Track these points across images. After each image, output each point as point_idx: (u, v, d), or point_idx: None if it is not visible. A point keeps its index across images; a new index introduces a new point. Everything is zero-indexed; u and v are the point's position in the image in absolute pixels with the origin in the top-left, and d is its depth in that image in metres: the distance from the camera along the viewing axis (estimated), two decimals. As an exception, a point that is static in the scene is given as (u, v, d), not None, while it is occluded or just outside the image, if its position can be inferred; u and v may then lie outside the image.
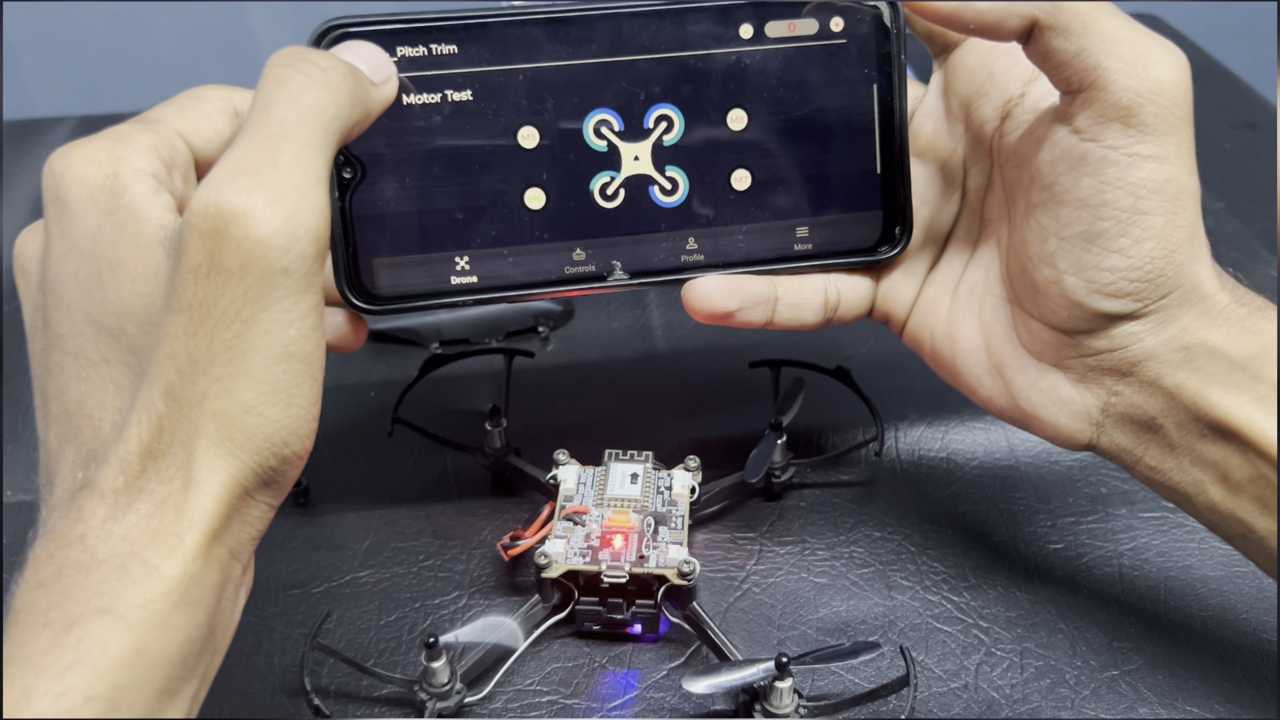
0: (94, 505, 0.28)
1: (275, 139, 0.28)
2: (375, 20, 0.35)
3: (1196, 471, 0.35)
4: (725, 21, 0.37)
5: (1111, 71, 0.32)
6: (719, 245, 0.39)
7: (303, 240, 0.27)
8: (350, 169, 0.36)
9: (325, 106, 0.29)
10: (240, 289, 0.27)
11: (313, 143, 0.28)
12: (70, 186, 0.30)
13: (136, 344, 0.29)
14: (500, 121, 0.37)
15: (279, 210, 0.27)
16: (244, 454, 0.28)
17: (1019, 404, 0.37)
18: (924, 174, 0.40)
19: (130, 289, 0.29)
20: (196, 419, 0.28)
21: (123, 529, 0.27)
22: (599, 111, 0.37)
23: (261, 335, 0.28)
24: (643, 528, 0.40)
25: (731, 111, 0.38)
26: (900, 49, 0.38)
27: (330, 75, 0.29)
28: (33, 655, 0.26)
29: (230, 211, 0.27)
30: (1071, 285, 0.35)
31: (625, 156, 0.38)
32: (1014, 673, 0.40)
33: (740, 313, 0.39)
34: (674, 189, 0.39)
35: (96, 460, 0.29)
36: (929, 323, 0.40)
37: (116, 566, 0.27)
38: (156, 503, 0.28)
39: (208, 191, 0.27)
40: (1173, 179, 0.33)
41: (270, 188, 0.27)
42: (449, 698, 0.37)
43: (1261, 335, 0.34)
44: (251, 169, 0.27)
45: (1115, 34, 0.33)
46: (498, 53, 0.36)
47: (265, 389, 0.28)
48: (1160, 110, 0.33)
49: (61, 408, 0.30)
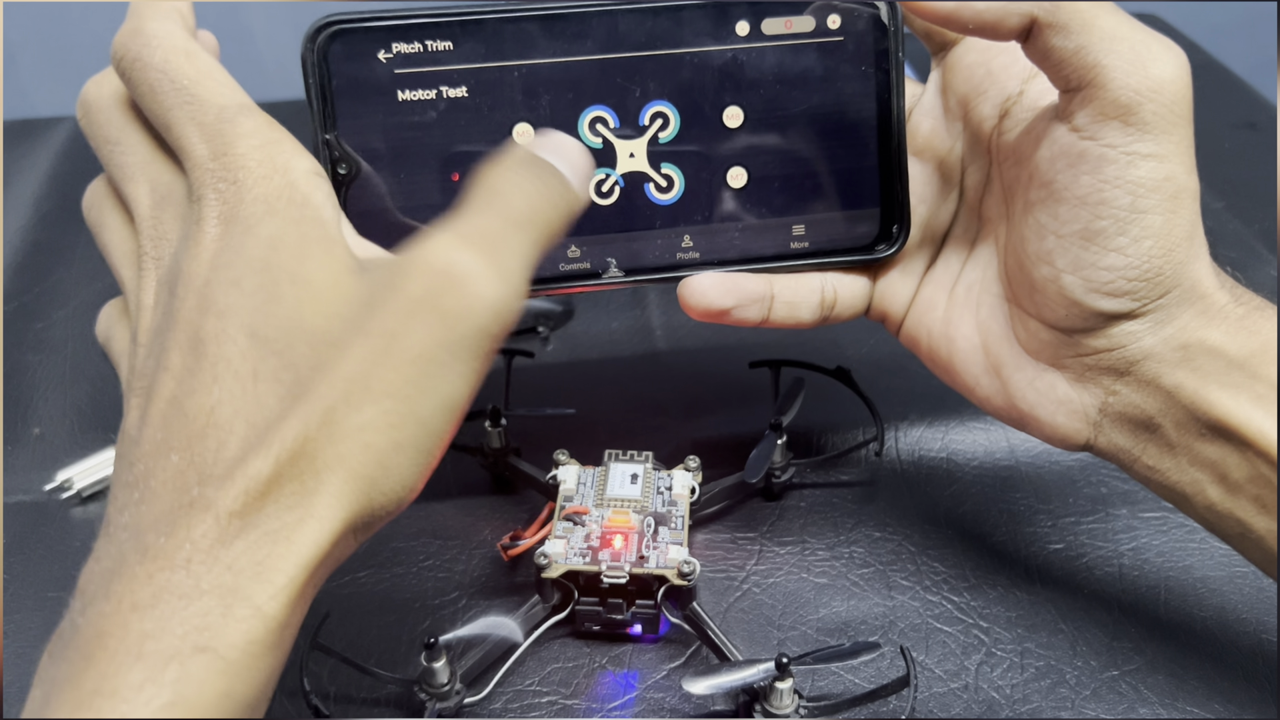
0: (205, 527, 0.26)
1: (511, 226, 0.29)
2: (371, 16, 0.35)
3: (1195, 471, 0.35)
4: (722, 18, 0.37)
5: (1111, 69, 0.32)
6: (715, 243, 0.39)
7: (509, 316, 0.29)
8: (345, 165, 0.36)
9: (550, 214, 0.31)
10: (445, 334, 0.28)
11: (535, 242, 0.30)
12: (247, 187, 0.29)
13: (300, 363, 0.28)
14: (495, 118, 0.37)
15: (505, 283, 0.28)
16: (375, 494, 0.28)
17: (1016, 403, 0.37)
18: (922, 172, 0.40)
19: (315, 308, 0.28)
20: (347, 449, 0.27)
21: (229, 556, 0.26)
22: (594, 108, 0.37)
23: (445, 383, 0.28)
24: (643, 528, 0.40)
25: (728, 109, 0.38)
26: (898, 47, 0.38)
27: (560, 187, 0.31)
28: (124, 690, 0.25)
29: (468, 267, 0.28)
30: (1069, 283, 0.34)
31: (620, 153, 0.38)
32: (1014, 673, 0.40)
33: (736, 310, 0.39)
34: (669, 186, 0.39)
35: (216, 477, 0.27)
36: (926, 322, 0.40)
37: (219, 600, 0.26)
38: (268, 532, 0.27)
39: (448, 242, 0.28)
40: (1171, 177, 0.33)
41: (503, 263, 0.29)
42: (449, 698, 0.37)
43: (1260, 334, 0.33)
44: (490, 242, 0.29)
45: (1115, 32, 0.33)
46: (493, 49, 0.36)
47: (422, 434, 0.28)
48: (1159, 108, 0.33)
49: (178, 410, 0.28)
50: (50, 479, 0.49)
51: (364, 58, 0.36)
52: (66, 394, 0.54)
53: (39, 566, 0.45)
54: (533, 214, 0.30)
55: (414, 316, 0.28)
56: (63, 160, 0.73)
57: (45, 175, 0.71)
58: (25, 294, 0.61)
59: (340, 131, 0.36)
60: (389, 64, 0.36)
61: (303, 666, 0.38)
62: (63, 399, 0.54)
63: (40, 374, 0.55)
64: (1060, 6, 0.33)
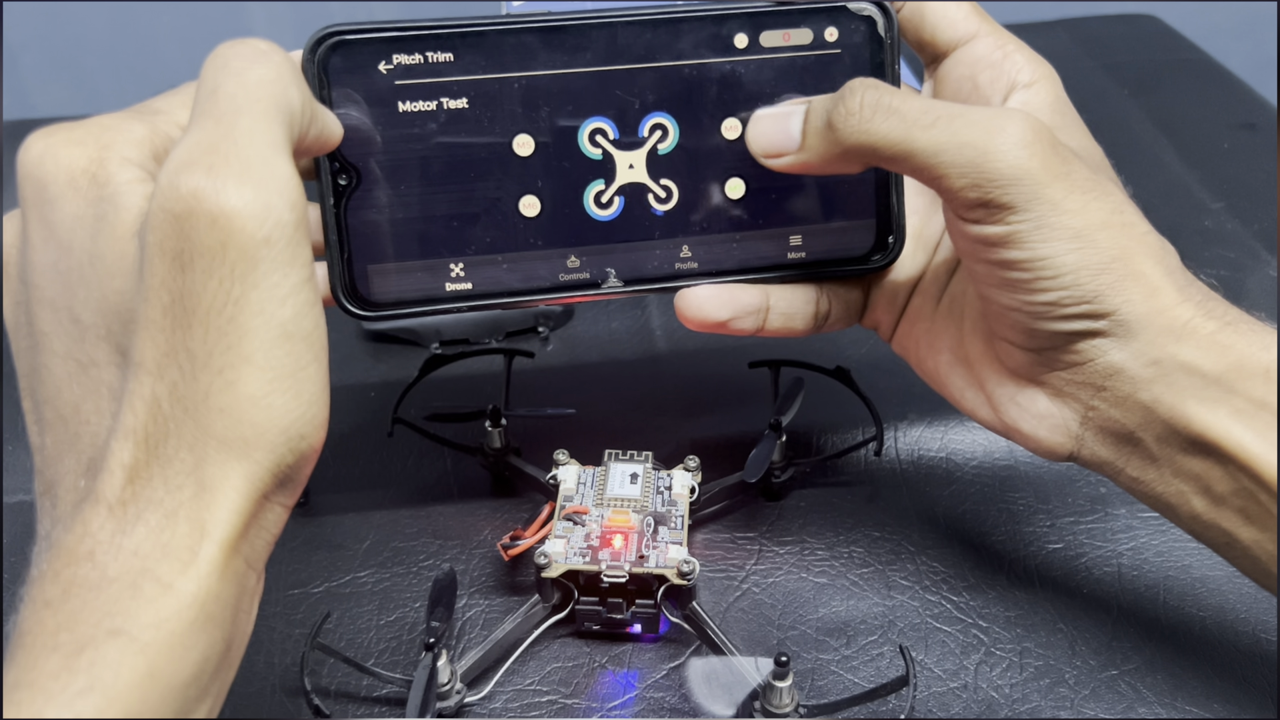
0: (100, 518, 0.26)
1: (228, 116, 0.27)
2: (371, 27, 0.35)
3: (1178, 483, 0.35)
4: (720, 31, 0.37)
5: (948, 178, 0.33)
6: (713, 253, 0.39)
7: (278, 208, 0.26)
8: (345, 175, 0.36)
9: (271, 82, 0.28)
10: (225, 268, 0.26)
11: (265, 115, 0.27)
12: (50, 169, 0.28)
13: (121, 341, 0.28)
14: (495, 129, 0.37)
15: (246, 182, 0.26)
16: (258, 452, 0.27)
17: (1000, 416, 0.38)
18: (913, 184, 0.40)
19: (110, 285, 0.28)
20: (203, 418, 0.26)
21: (133, 543, 0.26)
22: (594, 119, 0.37)
23: (256, 315, 0.26)
24: (642, 528, 0.40)
25: (726, 120, 0.38)
26: (894, 59, 0.38)
27: (273, 56, 0.29)
28: (41, 680, 0.25)
29: (197, 191, 0.26)
30: (1016, 317, 0.35)
31: (620, 165, 0.38)
32: (1013, 672, 0.40)
33: (733, 322, 0.39)
34: (668, 198, 0.39)
35: (95, 470, 0.27)
36: (915, 332, 0.40)
37: (128, 585, 0.26)
38: (166, 513, 0.26)
39: (169, 176, 0.26)
40: (1061, 227, 0.33)
41: (232, 162, 0.26)
42: (449, 698, 0.37)
43: (1234, 350, 0.33)
44: (210, 147, 0.26)
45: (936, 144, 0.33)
46: (493, 60, 0.36)
47: (270, 375, 0.27)
48: (1009, 189, 0.33)
49: (56, 412, 0.28)
50: (51, 479, 0.49)
51: (364, 69, 0.36)
52: (67, 394, 0.54)
53: (39, 566, 0.45)
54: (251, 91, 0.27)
55: (185, 270, 0.26)
56: (63, 160, 0.73)
57: (45, 175, 0.71)
58: (25, 294, 0.61)
59: (341, 142, 0.36)
60: (389, 75, 0.36)
61: (303, 666, 0.38)
62: (63, 399, 0.54)
63: (41, 374, 0.55)
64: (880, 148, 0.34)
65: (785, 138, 0.36)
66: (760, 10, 0.37)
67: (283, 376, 0.27)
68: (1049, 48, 0.39)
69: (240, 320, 0.26)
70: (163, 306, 0.26)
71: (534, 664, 0.40)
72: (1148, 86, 0.76)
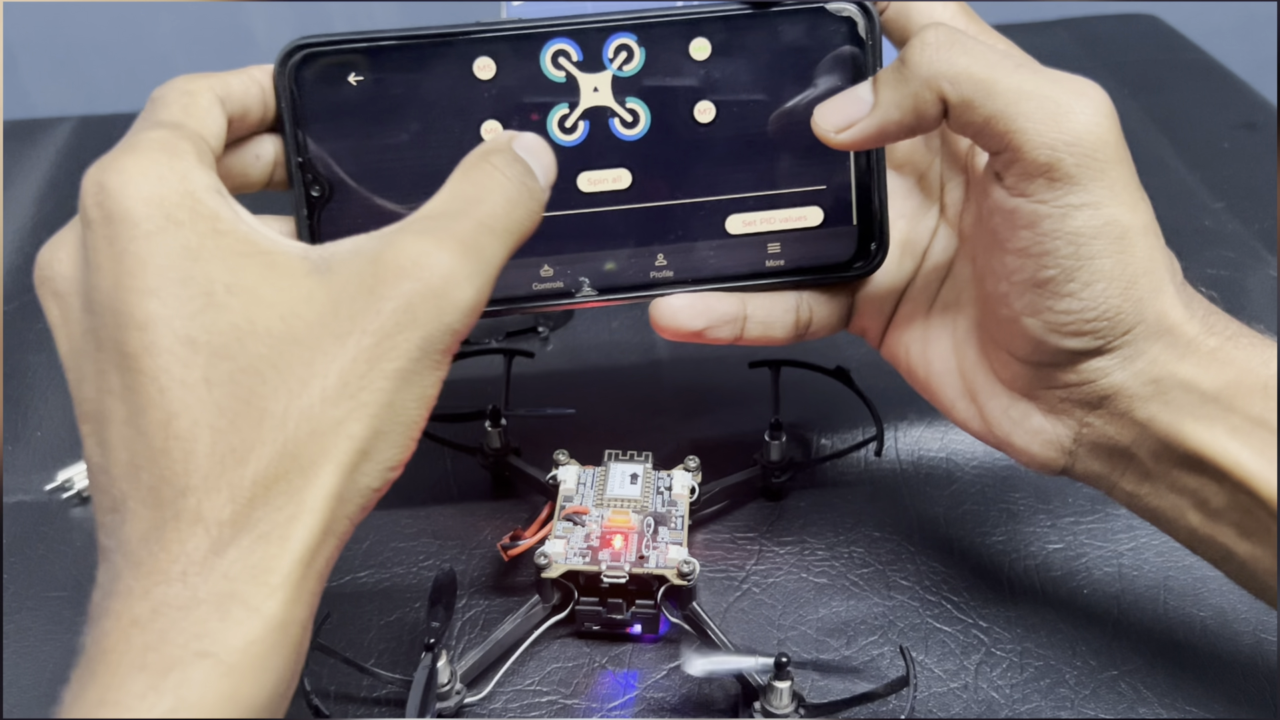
0: (197, 538, 0.27)
1: (488, 231, 0.30)
2: (340, 39, 0.35)
3: (1174, 497, 0.34)
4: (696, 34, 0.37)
5: (1023, 132, 0.32)
6: (689, 261, 0.39)
7: (475, 317, 0.30)
8: (318, 187, 0.36)
9: (524, 220, 0.32)
10: (424, 339, 0.29)
11: (508, 246, 0.31)
12: (139, 207, 0.28)
13: (259, 364, 0.28)
14: (466, 138, 0.36)
15: (479, 288, 0.30)
16: (361, 478, 0.28)
17: (992, 429, 0.37)
18: (901, 186, 0.40)
19: (266, 311, 0.28)
20: (332, 444, 0.28)
21: (225, 564, 0.26)
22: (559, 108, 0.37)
23: (423, 381, 0.29)
24: (642, 528, 0.40)
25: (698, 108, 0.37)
26: (875, 61, 0.37)
27: (535, 192, 0.32)
28: (128, 700, 0.25)
29: (449, 273, 0.29)
30: (1029, 325, 0.34)
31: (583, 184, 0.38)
32: (1014, 673, 0.40)
33: (708, 331, 0.38)
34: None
35: (196, 488, 0.27)
36: (905, 340, 0.39)
37: (216, 606, 0.26)
38: (261, 534, 0.27)
39: (428, 246, 0.29)
40: (1113, 220, 0.32)
41: (479, 268, 0.30)
42: (449, 698, 0.37)
43: (1234, 365, 0.33)
44: (468, 246, 0.30)
45: (1021, 90, 0.32)
46: (463, 68, 0.36)
47: (403, 425, 0.29)
48: (1081, 159, 0.32)
49: (135, 430, 0.28)
50: (50, 479, 0.49)
51: (335, 80, 0.35)
52: (66, 394, 0.53)
53: (39, 566, 0.45)
54: (508, 219, 0.31)
55: (398, 323, 0.28)
56: (63, 160, 0.73)
57: (45, 175, 0.72)
58: (25, 294, 0.61)
59: (313, 154, 0.36)
60: (360, 85, 0.36)
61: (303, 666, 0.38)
62: (63, 399, 0.54)
63: (40, 374, 0.55)
64: (960, 81, 0.32)
65: (856, 103, 0.35)
66: (736, 13, 0.36)
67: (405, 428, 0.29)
68: (1049, 47, 0.39)
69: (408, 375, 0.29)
70: (351, 339, 0.28)
71: (534, 664, 0.40)
72: (1148, 86, 0.76)
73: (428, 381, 0.29)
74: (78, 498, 0.48)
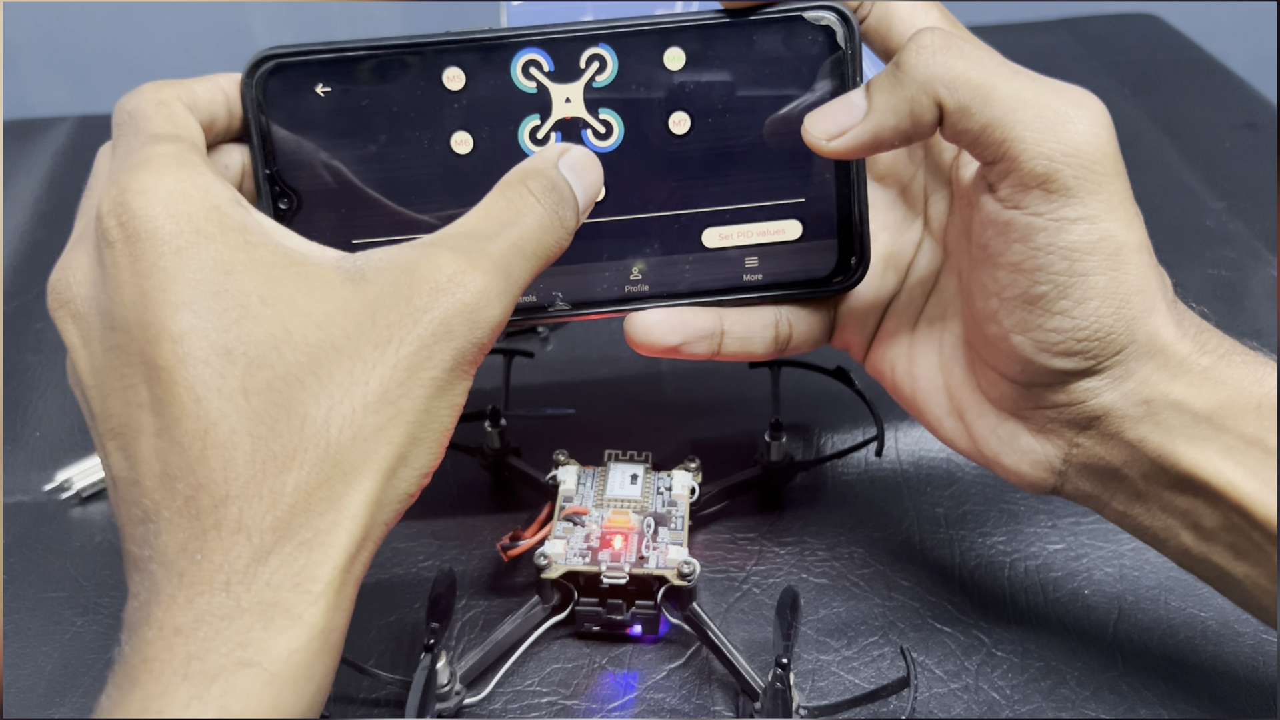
0: (239, 547, 0.27)
1: (517, 254, 0.31)
2: (308, 49, 0.35)
3: (1166, 518, 0.34)
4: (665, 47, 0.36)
5: (1020, 141, 0.31)
6: (664, 275, 0.38)
7: (500, 331, 0.31)
8: (286, 199, 0.36)
9: (553, 247, 0.32)
10: (458, 352, 0.29)
11: (535, 270, 0.32)
12: (167, 224, 0.28)
13: (298, 372, 0.28)
14: (436, 149, 0.36)
15: (507, 307, 0.31)
16: (398, 482, 0.29)
17: (980, 448, 0.37)
18: (884, 199, 0.39)
19: (303, 320, 0.28)
20: (372, 449, 0.28)
21: (267, 572, 0.27)
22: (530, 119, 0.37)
23: (454, 391, 0.30)
24: (642, 528, 0.40)
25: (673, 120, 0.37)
26: (855, 71, 0.36)
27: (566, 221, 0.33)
28: (172, 709, 0.25)
29: (484, 293, 0.30)
30: (1019, 343, 0.33)
31: None
32: (1015, 673, 0.40)
33: (684, 347, 0.38)
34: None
35: (236, 496, 0.27)
36: (890, 355, 0.39)
37: (260, 616, 0.26)
38: (302, 541, 0.27)
39: (465, 265, 0.30)
40: (1108, 236, 0.32)
41: (508, 288, 0.31)
42: (449, 698, 0.37)
43: (1227, 385, 0.32)
44: (501, 267, 0.30)
45: (1018, 97, 0.31)
46: (432, 78, 0.36)
47: (435, 431, 0.30)
48: (1079, 171, 0.31)
49: (169, 440, 0.28)
50: (50, 479, 0.49)
51: (302, 91, 0.35)
52: (66, 394, 0.54)
53: (39, 566, 0.45)
54: (538, 245, 0.32)
55: (435, 334, 0.29)
56: (63, 160, 0.73)
57: (45, 175, 0.72)
58: (25, 294, 0.61)
59: (280, 166, 0.36)
60: (327, 97, 0.35)
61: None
62: (63, 399, 0.54)
63: (40, 374, 0.55)
64: (957, 85, 0.32)
65: (849, 109, 0.34)
66: (712, 23, 0.36)
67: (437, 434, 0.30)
68: (1050, 47, 0.39)
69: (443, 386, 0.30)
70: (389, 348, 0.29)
71: (533, 665, 0.40)
72: (1149, 86, 0.76)
73: (458, 390, 0.30)
74: (77, 498, 0.48)
